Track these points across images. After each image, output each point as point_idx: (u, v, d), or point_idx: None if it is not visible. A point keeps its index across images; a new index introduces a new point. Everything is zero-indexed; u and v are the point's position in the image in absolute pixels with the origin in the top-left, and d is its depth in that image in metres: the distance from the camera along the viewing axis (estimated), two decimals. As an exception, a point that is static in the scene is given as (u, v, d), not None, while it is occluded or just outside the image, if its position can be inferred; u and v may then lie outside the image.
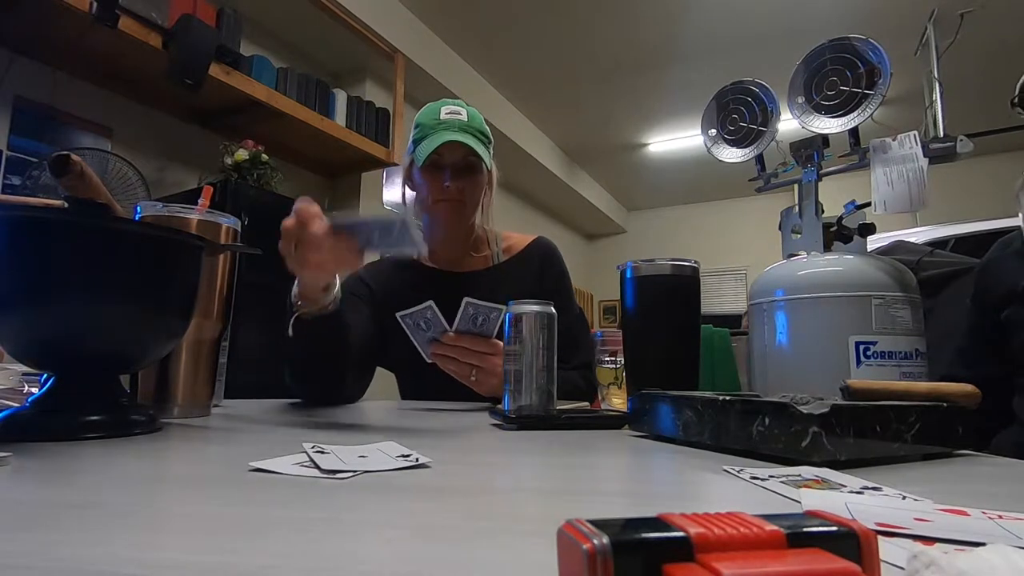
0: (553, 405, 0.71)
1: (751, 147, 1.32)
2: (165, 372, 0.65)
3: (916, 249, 1.65)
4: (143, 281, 0.52)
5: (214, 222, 0.69)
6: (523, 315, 0.70)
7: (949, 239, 2.27)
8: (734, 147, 1.35)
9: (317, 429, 0.59)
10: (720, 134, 1.37)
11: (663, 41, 3.76)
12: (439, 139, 1.03)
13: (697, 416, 0.49)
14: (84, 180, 0.61)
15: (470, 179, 1.09)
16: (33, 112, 2.12)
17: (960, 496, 0.32)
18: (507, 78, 4.20)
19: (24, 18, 1.91)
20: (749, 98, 1.32)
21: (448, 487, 0.34)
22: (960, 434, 0.47)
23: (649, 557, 0.13)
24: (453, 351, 0.86)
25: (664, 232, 7.03)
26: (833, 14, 3.37)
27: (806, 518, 0.15)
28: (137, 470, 0.37)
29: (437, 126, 1.06)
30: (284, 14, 2.89)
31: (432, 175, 1.08)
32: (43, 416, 0.49)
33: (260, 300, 2.25)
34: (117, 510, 0.26)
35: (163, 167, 2.54)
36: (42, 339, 0.49)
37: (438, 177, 1.08)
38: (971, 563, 0.14)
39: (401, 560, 0.21)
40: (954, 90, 1.44)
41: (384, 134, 3.09)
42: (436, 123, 1.06)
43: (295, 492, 0.30)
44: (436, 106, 1.09)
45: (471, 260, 1.18)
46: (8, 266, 0.47)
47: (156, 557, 0.20)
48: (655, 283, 0.73)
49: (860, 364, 1.06)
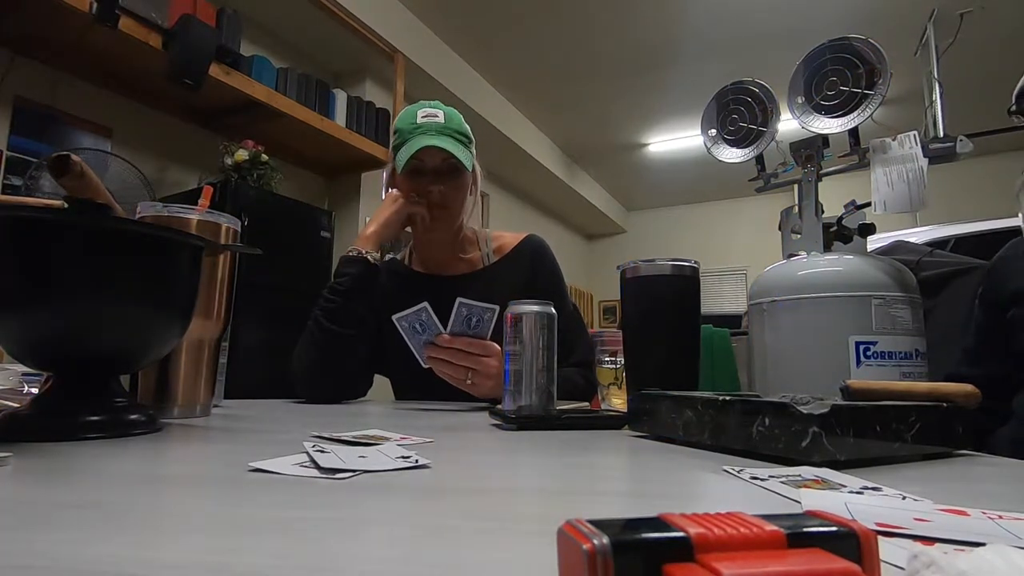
0: (553, 405, 0.71)
1: (751, 147, 1.32)
2: (165, 372, 0.65)
3: (916, 249, 1.65)
4: (143, 281, 0.52)
5: (214, 222, 0.69)
6: (523, 315, 0.70)
7: (949, 239, 2.27)
8: (734, 147, 1.35)
9: (317, 429, 0.59)
10: (720, 134, 1.37)
11: (663, 41, 3.76)
12: (417, 144, 1.02)
13: (697, 416, 0.49)
14: (84, 180, 0.61)
15: (452, 182, 1.08)
16: (33, 112, 2.13)
17: (960, 496, 0.32)
18: (507, 78, 4.20)
19: (24, 18, 1.91)
20: (749, 98, 1.32)
21: (448, 487, 0.34)
22: (960, 434, 0.47)
23: (649, 557, 0.13)
24: (448, 354, 0.86)
25: (664, 232, 7.03)
26: (833, 14, 3.38)
27: (806, 518, 0.15)
28: (137, 470, 0.37)
29: (415, 131, 1.05)
30: (284, 14, 2.89)
31: (414, 181, 1.08)
32: (43, 416, 0.49)
33: (260, 300, 2.26)
34: (117, 510, 0.26)
35: (163, 167, 2.55)
36: (42, 339, 0.49)
37: (420, 182, 1.08)
38: (971, 563, 0.14)
39: (401, 560, 0.21)
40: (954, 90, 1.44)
41: (384, 134, 3.09)
42: (414, 128, 1.05)
43: (295, 492, 0.30)
44: (413, 109, 1.08)
45: (461, 263, 1.18)
46: (8, 266, 0.47)
47: (156, 557, 0.20)
48: (655, 283, 0.73)
49: (860, 364, 1.06)
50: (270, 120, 2.58)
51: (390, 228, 1.06)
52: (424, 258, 1.20)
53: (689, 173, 5.89)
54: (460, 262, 1.18)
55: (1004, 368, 0.99)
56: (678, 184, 6.29)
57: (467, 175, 1.11)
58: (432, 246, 1.17)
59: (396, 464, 0.37)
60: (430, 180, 1.07)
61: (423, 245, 1.18)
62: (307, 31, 3.03)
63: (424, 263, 1.20)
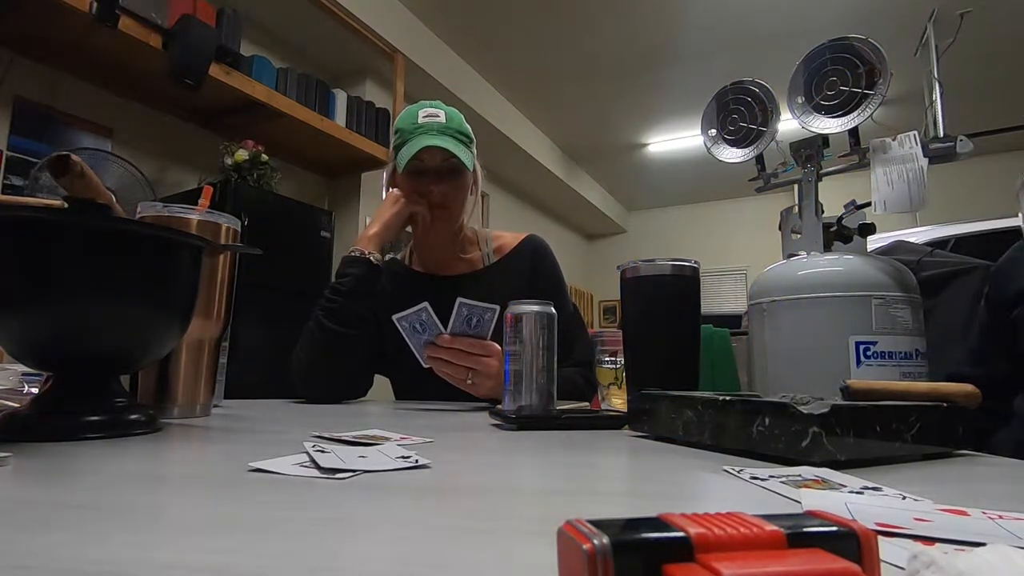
0: (553, 405, 0.71)
1: (751, 147, 1.32)
2: (165, 372, 0.65)
3: (916, 249, 1.65)
4: (143, 281, 0.52)
5: (214, 222, 0.69)
6: (523, 315, 0.70)
7: (949, 239, 2.27)
8: (734, 147, 1.35)
9: (317, 429, 0.59)
10: (720, 134, 1.37)
11: (663, 41, 3.76)
12: (418, 144, 1.03)
13: (697, 416, 0.49)
14: (84, 180, 0.61)
15: (453, 182, 1.08)
16: (33, 112, 2.13)
17: (960, 496, 0.32)
18: (507, 78, 4.20)
19: (24, 18, 1.91)
20: (749, 98, 1.32)
21: (448, 487, 0.34)
22: (960, 434, 0.47)
23: (649, 557, 0.13)
24: (448, 354, 0.86)
25: (664, 232, 7.03)
26: (833, 14, 3.38)
27: (806, 518, 0.15)
28: (137, 470, 0.37)
29: (416, 130, 1.05)
30: (284, 14, 2.89)
31: (415, 181, 1.08)
32: (43, 416, 0.49)
33: (260, 300, 2.26)
34: (117, 510, 0.26)
35: (163, 167, 2.55)
36: (42, 339, 0.49)
37: (421, 182, 1.08)
38: (971, 563, 0.14)
39: (401, 560, 0.21)
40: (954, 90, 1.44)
41: (384, 134, 3.09)
42: (415, 127, 1.05)
43: (295, 492, 0.30)
44: (414, 109, 1.08)
45: (462, 263, 1.18)
46: (8, 266, 0.47)
47: (156, 557, 0.20)
48: (655, 283, 0.73)
49: (860, 364, 1.06)
50: (270, 120, 2.58)
51: (392, 229, 1.06)
52: (424, 258, 1.20)
53: (689, 173, 5.89)
54: (460, 262, 1.18)
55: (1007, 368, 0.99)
56: (678, 184, 6.29)
57: (468, 175, 1.11)
58: (432, 246, 1.17)
59: (396, 464, 0.37)
60: (431, 180, 1.07)
61: (423, 245, 1.18)
62: (307, 31, 3.03)
63: (424, 263, 1.20)
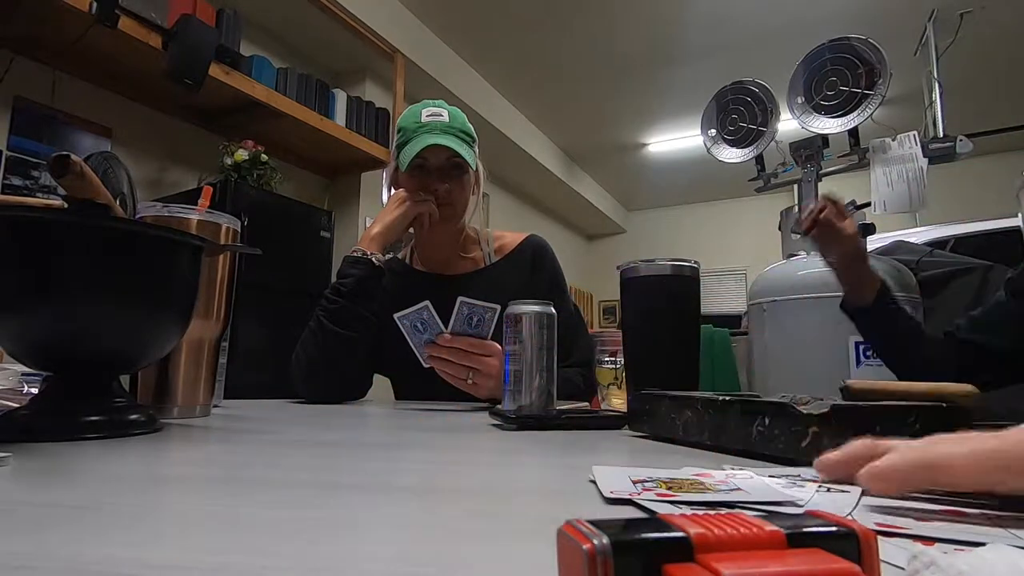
0: (553, 405, 0.71)
1: (751, 147, 1.32)
2: (165, 372, 0.65)
3: (916, 249, 1.65)
4: (143, 281, 0.52)
5: (214, 222, 0.69)
6: (523, 315, 0.70)
7: (949, 239, 2.26)
8: (734, 147, 1.35)
9: (317, 429, 0.59)
10: (720, 134, 1.37)
11: (663, 41, 3.76)
12: (421, 143, 1.02)
13: (697, 416, 0.49)
14: (84, 180, 0.61)
15: (455, 181, 1.08)
16: (33, 112, 2.12)
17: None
18: (507, 78, 4.20)
19: (24, 18, 1.91)
20: (749, 98, 1.32)
21: (448, 487, 0.34)
22: (960, 434, 0.47)
23: (649, 557, 0.13)
24: (449, 353, 0.86)
25: (664, 232, 7.03)
26: (833, 14, 3.37)
27: (806, 518, 0.15)
28: (137, 470, 0.37)
29: (419, 129, 1.05)
30: (284, 14, 2.89)
31: (418, 179, 1.08)
32: (43, 416, 0.49)
33: (260, 300, 2.26)
34: (117, 510, 0.26)
35: (163, 167, 2.55)
36: (42, 339, 0.49)
37: (424, 181, 1.08)
38: (971, 563, 0.14)
39: (401, 560, 0.21)
40: (954, 90, 1.44)
41: (384, 134, 3.09)
42: (418, 126, 1.05)
43: (295, 492, 0.30)
44: (417, 108, 1.08)
45: (463, 262, 1.18)
46: (8, 266, 0.47)
47: (156, 557, 0.20)
48: (655, 283, 0.73)
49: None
50: (270, 120, 2.57)
51: (395, 230, 1.06)
52: (426, 257, 1.20)
53: (689, 173, 5.88)
54: (462, 261, 1.18)
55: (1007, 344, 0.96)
56: (678, 184, 6.29)
57: (471, 174, 1.11)
58: (434, 245, 1.17)
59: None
60: (434, 178, 1.07)
61: (425, 244, 1.18)
62: (307, 31, 3.03)
63: (426, 262, 1.20)
